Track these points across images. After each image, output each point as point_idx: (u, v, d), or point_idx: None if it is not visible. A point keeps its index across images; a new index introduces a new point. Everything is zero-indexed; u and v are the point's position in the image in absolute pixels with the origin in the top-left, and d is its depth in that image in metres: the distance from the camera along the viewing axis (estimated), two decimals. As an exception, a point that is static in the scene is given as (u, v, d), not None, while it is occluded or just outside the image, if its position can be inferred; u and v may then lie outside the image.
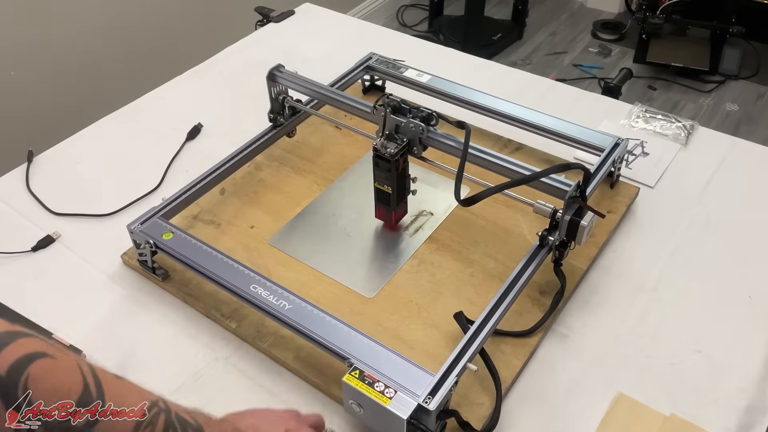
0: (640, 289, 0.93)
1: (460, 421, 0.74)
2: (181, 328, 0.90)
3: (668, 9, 2.68)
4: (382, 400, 0.70)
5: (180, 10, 2.13)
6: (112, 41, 1.97)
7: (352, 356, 0.75)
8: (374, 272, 0.95)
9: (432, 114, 0.92)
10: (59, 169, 1.16)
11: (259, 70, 1.09)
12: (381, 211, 1.00)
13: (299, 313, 0.80)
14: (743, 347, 0.86)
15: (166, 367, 0.85)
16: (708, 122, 2.55)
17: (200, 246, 0.89)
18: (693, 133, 1.20)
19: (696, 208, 1.06)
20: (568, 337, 0.88)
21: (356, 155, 1.14)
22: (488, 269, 0.95)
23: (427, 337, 0.86)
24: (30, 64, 1.79)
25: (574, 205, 0.85)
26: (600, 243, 0.98)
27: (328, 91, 1.09)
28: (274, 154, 1.14)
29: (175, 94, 1.33)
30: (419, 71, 1.20)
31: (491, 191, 0.86)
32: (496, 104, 1.12)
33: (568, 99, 1.31)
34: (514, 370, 0.82)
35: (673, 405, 0.79)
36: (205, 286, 0.92)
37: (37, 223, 1.05)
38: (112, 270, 0.97)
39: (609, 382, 0.82)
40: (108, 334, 0.89)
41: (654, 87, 2.75)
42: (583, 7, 3.31)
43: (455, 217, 1.02)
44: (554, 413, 0.80)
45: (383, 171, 0.93)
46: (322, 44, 1.47)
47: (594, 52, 2.99)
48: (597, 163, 0.99)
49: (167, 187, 1.10)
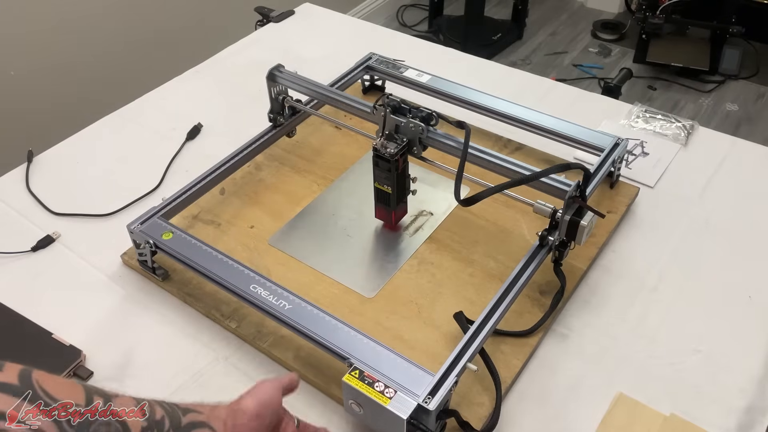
0: (640, 289, 0.93)
1: (460, 421, 0.74)
2: (181, 328, 0.90)
3: (668, 9, 2.68)
4: (382, 400, 0.70)
5: (180, 10, 2.13)
6: (112, 41, 1.97)
7: (352, 356, 0.75)
8: (374, 272, 0.95)
9: (432, 114, 0.92)
10: (59, 169, 1.16)
11: (259, 70, 1.09)
12: (381, 211, 1.00)
13: (299, 313, 0.80)
14: (743, 347, 0.86)
15: (166, 368, 0.85)
16: (708, 122, 2.55)
17: (200, 246, 0.89)
18: (693, 133, 1.20)
19: (696, 208, 1.06)
20: (568, 337, 0.88)
21: (356, 155, 1.14)
22: (488, 269, 0.95)
23: (427, 337, 0.86)
24: (30, 64, 1.79)
25: (574, 205, 0.85)
26: (600, 243, 0.98)
27: (328, 91, 1.09)
28: (274, 154, 1.14)
29: (175, 94, 1.33)
30: (419, 71, 1.20)
31: (491, 191, 0.86)
32: (496, 104, 1.12)
33: (568, 99, 1.31)
34: (514, 370, 0.82)
35: (673, 405, 0.79)
36: (205, 286, 0.92)
37: (37, 223, 1.05)
38: (112, 270, 0.97)
39: (609, 382, 0.82)
40: (108, 334, 0.89)
41: (654, 87, 2.75)
42: (583, 7, 3.31)
43: (455, 217, 1.03)
44: (554, 413, 0.80)
45: (383, 171, 0.93)
46: (322, 44, 1.47)
47: (594, 52, 2.99)
48: (597, 163, 0.99)
49: (167, 187, 1.10)
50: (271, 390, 0.65)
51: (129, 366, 0.85)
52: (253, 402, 0.63)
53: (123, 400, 0.55)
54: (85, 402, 0.52)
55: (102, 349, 0.86)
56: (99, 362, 0.85)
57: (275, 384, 0.66)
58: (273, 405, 0.64)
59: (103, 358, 0.85)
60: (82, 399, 0.52)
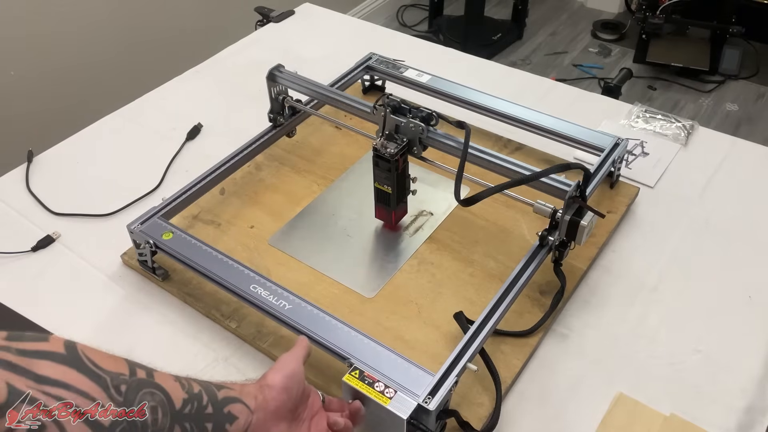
0: (640, 289, 0.93)
1: (460, 421, 0.74)
2: (181, 328, 0.90)
3: (668, 9, 2.68)
4: (382, 400, 0.70)
5: (180, 10, 2.13)
6: (112, 41, 1.97)
7: (352, 356, 0.75)
8: (374, 272, 0.95)
9: (432, 114, 0.92)
10: (59, 169, 1.16)
11: (259, 70, 1.09)
12: (381, 211, 1.00)
13: (299, 313, 0.80)
14: (743, 347, 0.86)
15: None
16: (708, 122, 2.55)
17: (200, 246, 0.89)
18: (693, 133, 1.20)
19: (696, 208, 1.06)
20: (568, 337, 0.88)
21: (356, 155, 1.14)
22: (488, 269, 0.95)
23: (427, 337, 0.86)
24: (30, 64, 1.79)
25: (574, 205, 0.85)
26: (600, 243, 0.98)
27: (328, 91, 1.09)
28: (274, 154, 1.14)
29: (175, 94, 1.33)
30: (419, 71, 1.20)
31: (491, 191, 0.86)
32: (496, 104, 1.12)
33: (568, 99, 1.31)
34: (514, 370, 0.82)
35: (673, 405, 0.79)
36: (205, 286, 0.92)
37: (37, 223, 1.05)
38: (112, 270, 0.97)
39: (609, 382, 0.82)
40: (108, 334, 0.89)
41: (654, 87, 2.75)
42: (583, 7, 3.31)
43: (455, 217, 1.02)
44: (554, 413, 0.80)
45: (383, 171, 0.93)
46: (322, 44, 1.47)
47: (594, 52, 2.99)
48: (597, 163, 0.99)
49: (167, 187, 1.10)
50: (294, 362, 0.67)
51: (129, 366, 0.85)
52: (279, 376, 0.65)
53: (162, 374, 0.57)
54: (129, 373, 0.54)
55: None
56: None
57: (296, 355, 0.69)
58: (297, 376, 0.66)
59: (103, 358, 0.85)
60: (126, 370, 0.54)
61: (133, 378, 0.54)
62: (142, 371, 0.55)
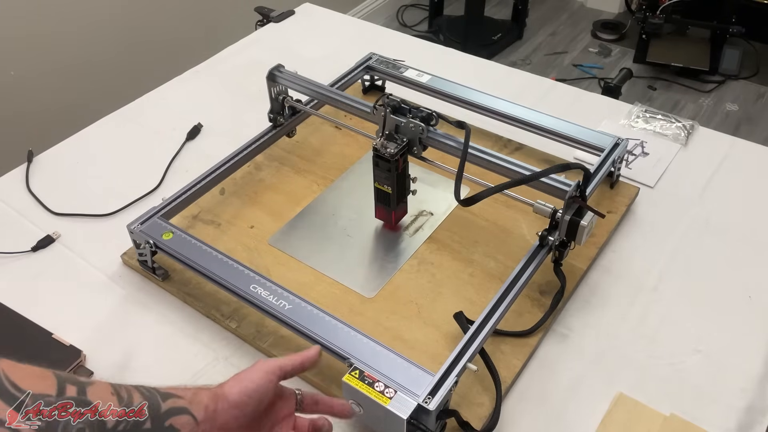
0: (640, 289, 0.93)
1: (460, 421, 0.74)
2: (181, 328, 0.90)
3: (668, 9, 2.69)
4: (382, 400, 0.70)
5: (180, 10, 2.13)
6: (112, 41, 1.97)
7: (352, 356, 0.75)
8: (374, 272, 0.95)
9: (432, 114, 0.92)
10: (59, 169, 1.16)
11: (259, 70, 1.09)
12: (381, 211, 1.00)
13: (299, 313, 0.80)
14: (743, 347, 0.86)
15: (165, 368, 0.85)
16: (708, 122, 2.55)
17: (200, 246, 0.89)
18: (693, 133, 1.20)
19: (696, 208, 1.06)
20: (568, 337, 0.88)
21: (356, 155, 1.14)
22: (488, 269, 0.95)
23: (427, 337, 0.86)
24: (30, 63, 1.79)
25: (574, 205, 0.85)
26: (600, 243, 0.98)
27: (328, 91, 1.09)
28: (274, 154, 1.14)
29: (175, 94, 1.33)
30: (419, 71, 1.20)
31: (491, 191, 0.86)
32: (496, 104, 1.12)
33: (568, 99, 1.31)
34: (514, 370, 0.82)
35: (673, 405, 0.79)
36: (205, 286, 0.92)
37: (37, 223, 1.05)
38: (112, 270, 0.97)
39: (609, 382, 0.82)
40: (108, 334, 0.89)
41: (654, 87, 2.75)
42: (583, 7, 3.31)
43: (455, 217, 1.02)
44: (554, 413, 0.80)
45: (383, 171, 0.93)
46: (322, 44, 1.47)
47: (594, 52, 2.99)
48: (597, 163, 0.99)
49: (167, 187, 1.10)
50: (261, 378, 0.63)
51: (129, 366, 0.85)
52: (236, 390, 0.62)
53: (98, 387, 0.53)
54: (57, 391, 0.50)
55: (102, 349, 0.86)
56: (99, 362, 0.85)
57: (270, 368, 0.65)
58: (258, 393, 0.63)
59: (103, 358, 0.85)
60: (54, 388, 0.50)
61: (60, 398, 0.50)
62: (73, 388, 0.51)
